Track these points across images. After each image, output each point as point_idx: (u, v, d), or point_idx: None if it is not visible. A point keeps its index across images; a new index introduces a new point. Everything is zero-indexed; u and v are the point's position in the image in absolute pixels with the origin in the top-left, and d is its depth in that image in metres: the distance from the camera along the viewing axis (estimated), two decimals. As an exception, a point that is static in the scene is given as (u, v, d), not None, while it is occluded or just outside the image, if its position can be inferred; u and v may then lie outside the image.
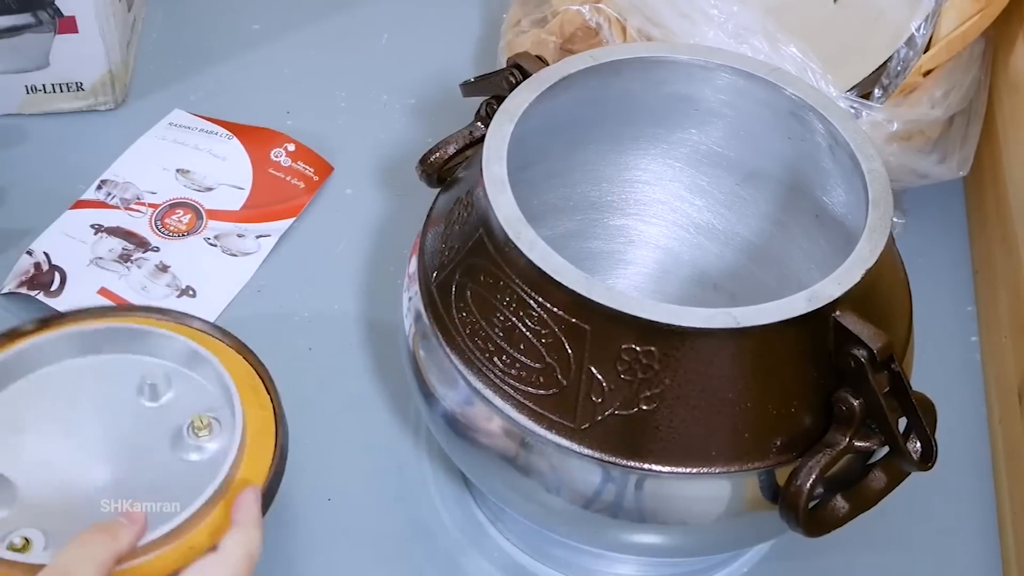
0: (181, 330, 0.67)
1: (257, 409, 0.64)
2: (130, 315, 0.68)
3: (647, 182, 0.73)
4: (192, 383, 0.65)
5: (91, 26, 0.89)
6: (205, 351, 0.65)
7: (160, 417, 0.64)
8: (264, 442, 0.63)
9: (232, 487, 0.61)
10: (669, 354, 0.52)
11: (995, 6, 0.80)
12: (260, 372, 0.67)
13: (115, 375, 0.65)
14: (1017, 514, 0.71)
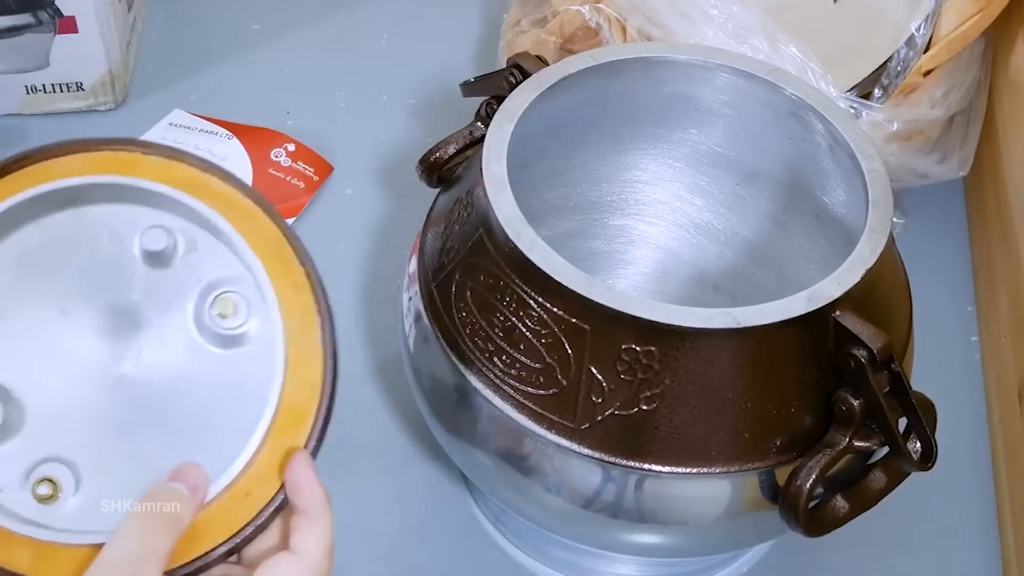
0: (179, 173, 0.53)
1: (291, 290, 0.52)
2: (113, 150, 0.53)
3: (647, 182, 0.73)
4: (203, 246, 0.53)
5: (91, 26, 0.89)
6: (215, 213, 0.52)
7: (170, 291, 0.52)
8: (307, 339, 0.51)
9: (281, 410, 0.50)
10: (669, 354, 0.52)
11: (995, 6, 0.80)
12: (290, 238, 0.53)
13: (105, 233, 0.52)
14: (1017, 514, 0.71)
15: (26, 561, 0.47)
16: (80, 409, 0.51)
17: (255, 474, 0.49)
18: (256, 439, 0.49)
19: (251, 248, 0.51)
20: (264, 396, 0.50)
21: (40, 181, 0.51)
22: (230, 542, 0.49)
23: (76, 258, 0.52)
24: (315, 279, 0.52)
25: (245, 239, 0.51)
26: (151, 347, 0.52)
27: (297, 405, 0.50)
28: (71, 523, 0.49)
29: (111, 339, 0.52)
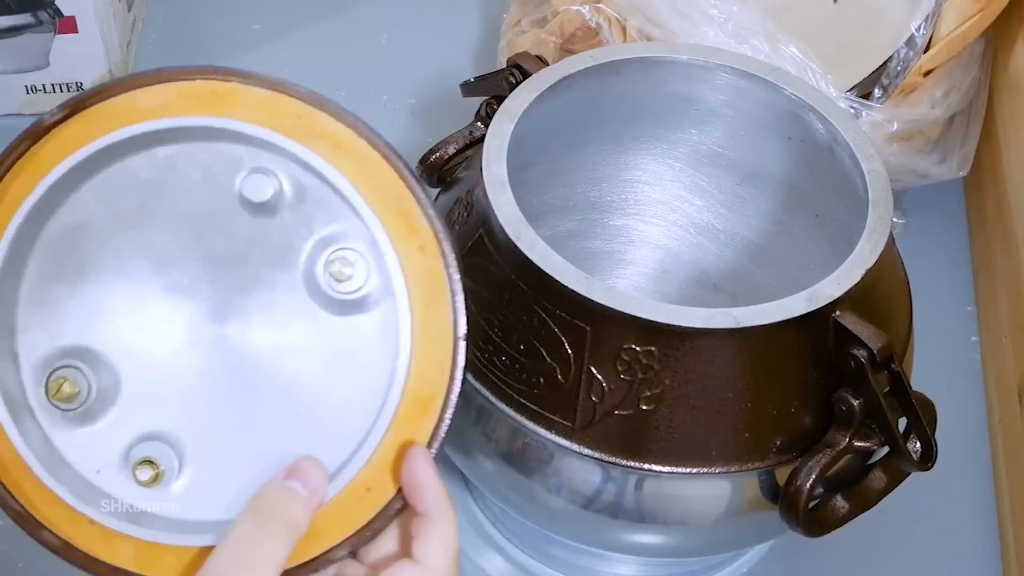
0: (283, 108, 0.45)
1: (417, 252, 0.45)
2: (207, 79, 0.45)
3: (647, 182, 0.73)
4: (313, 194, 0.45)
5: (91, 26, 0.89)
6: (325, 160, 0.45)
7: (277, 244, 0.46)
8: (434, 311, 0.45)
9: (406, 393, 0.44)
10: (669, 354, 0.52)
11: (995, 6, 0.80)
12: (415, 191, 0.45)
13: (201, 176, 0.46)
14: (1017, 514, 0.71)
15: (130, 555, 0.45)
16: (179, 378, 0.46)
17: (376, 466, 0.44)
18: (380, 427, 0.44)
19: (368, 201, 0.44)
20: (388, 376, 0.44)
21: (125, 121, 0.44)
22: (349, 542, 0.45)
23: (168, 205, 0.45)
24: (444, 240, 0.45)
25: (361, 190, 0.44)
26: (257, 308, 0.46)
27: (424, 389, 0.45)
28: (176, 511, 0.45)
29: (211, 297, 0.46)
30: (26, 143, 0.45)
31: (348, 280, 0.44)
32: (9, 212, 0.44)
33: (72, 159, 0.44)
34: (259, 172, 0.44)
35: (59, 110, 0.45)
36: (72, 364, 0.45)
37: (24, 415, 0.45)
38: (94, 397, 0.45)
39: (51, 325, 0.46)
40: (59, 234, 0.45)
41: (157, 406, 0.46)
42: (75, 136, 0.44)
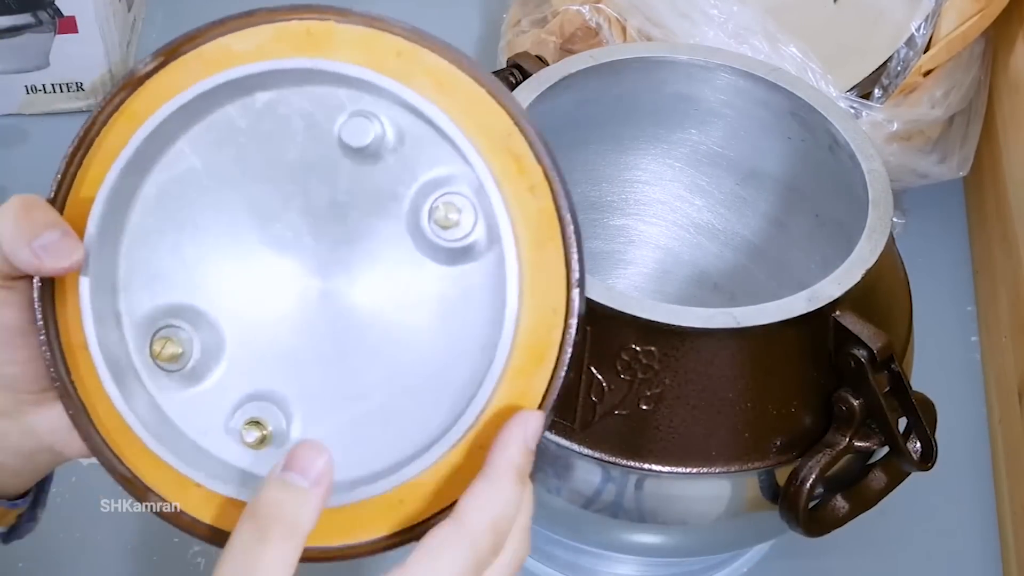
0: (382, 46, 0.42)
1: (527, 193, 0.42)
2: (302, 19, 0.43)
3: (647, 182, 0.73)
4: (415, 137, 0.43)
5: (91, 26, 0.89)
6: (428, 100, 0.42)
7: (380, 191, 0.43)
8: (546, 255, 0.42)
9: (517, 345, 0.42)
10: (669, 354, 0.52)
11: (995, 6, 0.80)
12: (523, 128, 0.42)
13: (299, 122, 0.43)
14: (1017, 514, 0.71)
15: (236, 518, 0.42)
16: (284, 335, 0.44)
17: (489, 422, 0.42)
18: (490, 381, 0.41)
19: (474, 141, 0.41)
20: (497, 327, 0.41)
21: (220, 66, 0.42)
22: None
23: (268, 154, 0.43)
24: (556, 179, 0.42)
25: (466, 130, 0.41)
26: (361, 260, 0.44)
27: (537, 340, 0.42)
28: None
29: (315, 250, 0.44)
30: (121, 95, 0.43)
31: (455, 227, 0.42)
32: (105, 165, 0.43)
33: (166, 108, 0.42)
34: (360, 115, 0.42)
35: (152, 59, 0.43)
36: (175, 323, 0.44)
37: (129, 377, 0.44)
38: (198, 357, 0.44)
39: (153, 284, 0.44)
40: (159, 189, 0.44)
41: (262, 365, 0.44)
42: (169, 85, 0.42)
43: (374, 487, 0.42)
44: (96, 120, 0.43)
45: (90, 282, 0.43)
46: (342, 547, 0.43)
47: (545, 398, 0.42)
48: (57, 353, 0.44)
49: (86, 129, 0.43)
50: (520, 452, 0.40)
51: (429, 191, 0.42)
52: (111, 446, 0.44)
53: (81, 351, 0.44)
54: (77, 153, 0.43)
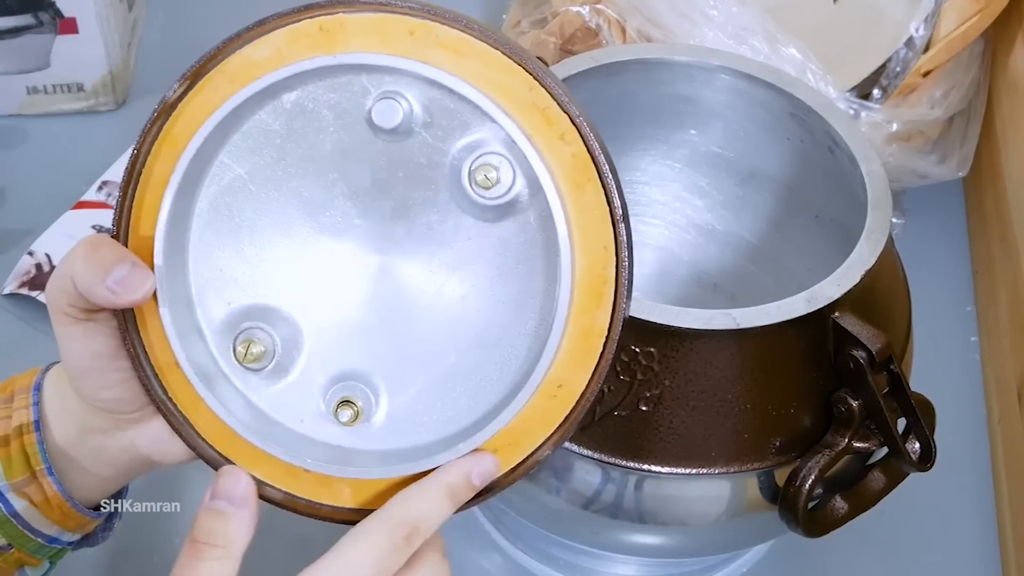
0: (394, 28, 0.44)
1: (558, 142, 0.44)
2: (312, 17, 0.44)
3: (647, 183, 0.74)
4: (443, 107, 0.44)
5: (92, 27, 0.89)
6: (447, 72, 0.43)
7: (419, 164, 0.45)
8: (587, 197, 0.44)
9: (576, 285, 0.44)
10: (669, 355, 0.52)
11: (994, 6, 0.80)
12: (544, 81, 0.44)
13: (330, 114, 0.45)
14: (1017, 514, 0.71)
15: (348, 495, 0.47)
16: (354, 315, 0.47)
17: (563, 362, 0.44)
18: (558, 325, 0.44)
19: (499, 102, 0.43)
20: (554, 272, 0.44)
21: (244, 79, 0.44)
22: (552, 441, 0.45)
23: (305, 149, 0.46)
24: (584, 124, 0.43)
25: (490, 93, 0.43)
26: (412, 231, 0.46)
27: (593, 278, 0.44)
28: (382, 443, 0.47)
29: (366, 230, 0.47)
30: (158, 123, 0.45)
31: (496, 185, 0.44)
32: (158, 194, 0.45)
33: (204, 129, 0.44)
34: (386, 98, 0.44)
35: (179, 84, 0.45)
36: (253, 325, 0.47)
37: (222, 384, 0.47)
38: (281, 351, 0.47)
39: (224, 292, 0.47)
40: (210, 203, 0.46)
41: (340, 347, 0.47)
42: (201, 105, 0.45)
43: (471, 442, 0.45)
44: (140, 151, 0.46)
45: (168, 304, 0.45)
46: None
47: (610, 332, 0.44)
48: (150, 374, 0.47)
49: (132, 162, 0.46)
50: (459, 477, 0.44)
51: (465, 155, 0.44)
52: (220, 451, 0.47)
53: (172, 369, 0.46)
54: (129, 187, 0.46)
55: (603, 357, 0.45)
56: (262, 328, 0.47)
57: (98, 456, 0.50)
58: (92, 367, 0.47)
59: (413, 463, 0.45)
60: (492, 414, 0.45)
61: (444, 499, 0.44)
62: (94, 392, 0.48)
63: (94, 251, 0.44)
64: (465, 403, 0.46)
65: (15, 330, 0.79)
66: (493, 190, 0.44)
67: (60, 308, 0.46)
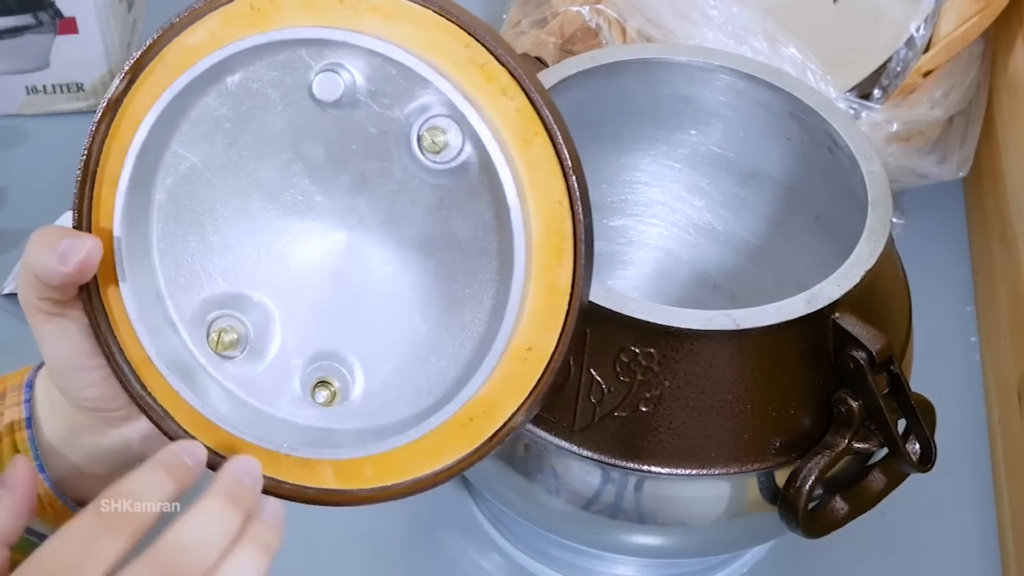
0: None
1: (501, 98, 0.43)
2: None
3: (647, 183, 0.73)
4: (384, 73, 0.43)
5: (91, 27, 0.89)
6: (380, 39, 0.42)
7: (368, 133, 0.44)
8: (535, 151, 0.43)
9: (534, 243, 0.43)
10: (668, 356, 0.52)
11: (995, 6, 0.80)
12: (482, 39, 0.42)
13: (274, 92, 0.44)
14: (1017, 514, 0.71)
15: (331, 476, 0.46)
16: (324, 293, 0.46)
17: (530, 324, 0.44)
18: (517, 283, 0.42)
19: (435, 63, 0.42)
20: (510, 230, 0.42)
21: (182, 66, 0.44)
22: (525, 407, 0.45)
23: (256, 131, 0.45)
24: (523, 77, 0.42)
25: (425, 55, 0.42)
26: (374, 203, 0.45)
27: (550, 232, 0.43)
28: (362, 422, 0.46)
29: (329, 207, 0.46)
30: (104, 122, 0.45)
31: (445, 148, 0.43)
32: (112, 189, 0.45)
33: (146, 122, 0.44)
34: (326, 71, 0.43)
35: (120, 80, 0.45)
36: (224, 313, 0.47)
37: (200, 375, 0.47)
38: (254, 337, 0.47)
39: (193, 282, 0.47)
40: (168, 195, 0.46)
41: (314, 328, 0.47)
42: (145, 98, 0.44)
43: (442, 412, 0.44)
44: (91, 151, 0.46)
45: (133, 299, 0.45)
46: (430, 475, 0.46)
47: (573, 289, 0.44)
48: (127, 370, 0.47)
49: (84, 162, 0.46)
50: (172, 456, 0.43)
51: (412, 120, 0.43)
52: (204, 442, 0.47)
53: (148, 364, 0.46)
54: (85, 187, 0.46)
55: (569, 315, 0.44)
56: (233, 315, 0.47)
57: (92, 455, 0.50)
58: (71, 366, 0.47)
59: (391, 439, 0.45)
60: (462, 382, 0.44)
61: (160, 475, 0.42)
62: (77, 392, 0.48)
63: (42, 236, 0.45)
64: (438, 374, 0.46)
65: (15, 330, 0.79)
66: (443, 154, 0.43)
67: (32, 305, 0.46)
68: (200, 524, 0.41)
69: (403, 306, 0.46)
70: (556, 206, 0.43)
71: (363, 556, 0.70)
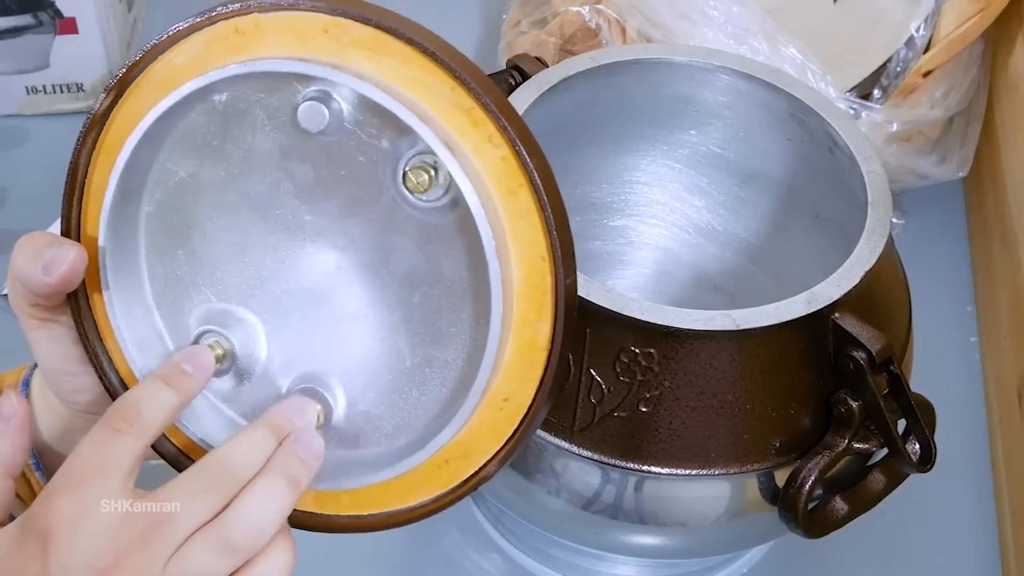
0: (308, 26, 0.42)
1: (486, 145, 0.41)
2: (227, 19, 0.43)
3: (647, 183, 0.73)
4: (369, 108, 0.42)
5: (91, 27, 0.89)
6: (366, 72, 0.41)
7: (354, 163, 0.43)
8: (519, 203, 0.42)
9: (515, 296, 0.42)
10: (668, 356, 0.52)
11: (995, 7, 0.80)
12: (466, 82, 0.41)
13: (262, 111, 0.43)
14: (1017, 514, 0.71)
15: (308, 498, 0.47)
16: (311, 314, 0.46)
17: (508, 375, 0.43)
18: (494, 336, 0.41)
19: (423, 102, 0.41)
20: (491, 280, 0.41)
21: (167, 85, 0.43)
22: (499, 458, 0.45)
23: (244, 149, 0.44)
24: (509, 128, 0.41)
25: (413, 93, 0.41)
26: (362, 228, 0.44)
27: (531, 287, 0.42)
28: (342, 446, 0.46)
29: (317, 228, 0.45)
30: (91, 136, 0.45)
31: (432, 187, 0.41)
32: (98, 202, 0.45)
33: (131, 140, 0.43)
34: (312, 99, 0.41)
35: (106, 96, 0.44)
36: (211, 328, 0.46)
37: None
38: (240, 354, 0.46)
39: (181, 296, 0.46)
40: (156, 208, 0.45)
41: (299, 348, 0.46)
42: (131, 114, 0.44)
43: (419, 454, 0.44)
44: (78, 164, 0.45)
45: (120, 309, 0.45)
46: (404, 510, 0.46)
47: (552, 346, 0.43)
48: (116, 383, 0.47)
49: (70, 174, 0.46)
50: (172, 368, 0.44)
51: (399, 154, 0.42)
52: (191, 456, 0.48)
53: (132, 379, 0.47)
54: (73, 199, 0.46)
55: (547, 372, 0.44)
56: (221, 331, 0.46)
57: None
58: (63, 371, 0.48)
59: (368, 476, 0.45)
60: (441, 422, 0.44)
61: (158, 385, 0.43)
62: (70, 396, 0.49)
63: (27, 244, 0.45)
64: (419, 409, 0.45)
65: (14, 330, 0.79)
66: (428, 193, 0.41)
67: (23, 311, 0.46)
68: (241, 444, 0.42)
69: (388, 335, 0.45)
70: (539, 260, 0.42)
71: (363, 556, 0.70)
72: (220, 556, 0.41)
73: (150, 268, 0.46)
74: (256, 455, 0.42)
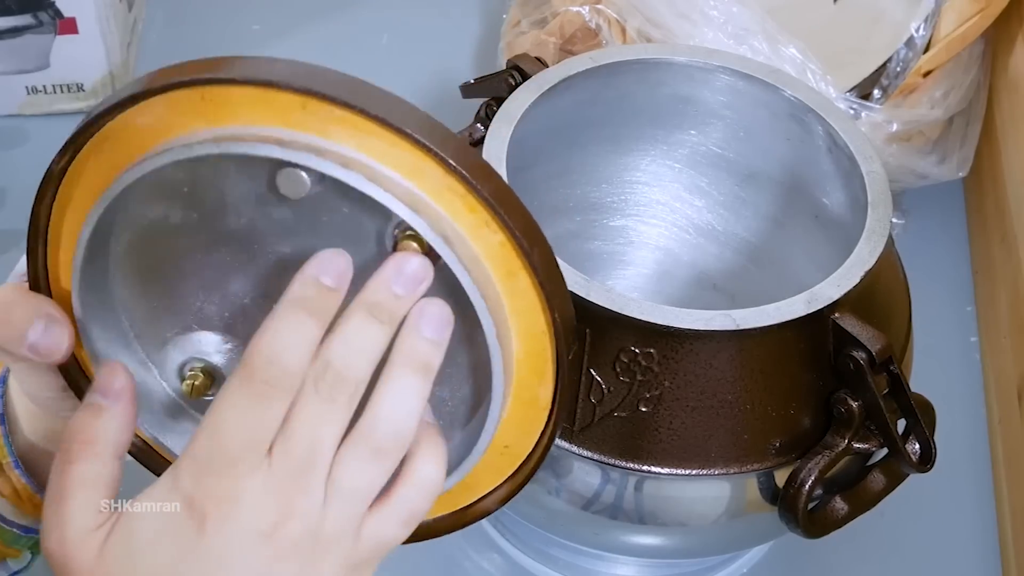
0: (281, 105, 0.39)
1: (483, 229, 0.40)
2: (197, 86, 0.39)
3: (647, 183, 0.73)
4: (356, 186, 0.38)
5: (92, 27, 0.89)
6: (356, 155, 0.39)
7: (348, 232, 0.41)
8: (519, 283, 0.41)
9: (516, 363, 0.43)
10: (668, 356, 0.52)
11: (995, 7, 0.80)
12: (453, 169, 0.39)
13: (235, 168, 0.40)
14: (1017, 514, 0.71)
15: None
16: None
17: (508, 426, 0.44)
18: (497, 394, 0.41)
19: (413, 183, 0.39)
20: (485, 349, 0.40)
21: (131, 150, 0.41)
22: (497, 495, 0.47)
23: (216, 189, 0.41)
24: (507, 217, 0.39)
25: (404, 176, 0.38)
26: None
27: (533, 357, 0.42)
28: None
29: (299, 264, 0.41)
30: (50, 191, 0.44)
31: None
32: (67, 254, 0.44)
33: (94, 212, 0.41)
34: (291, 166, 0.38)
35: (59, 155, 0.43)
36: (195, 356, 0.45)
37: (184, 420, 0.46)
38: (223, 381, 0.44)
39: (161, 327, 0.45)
40: (127, 246, 0.43)
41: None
42: (95, 173, 0.42)
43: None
44: (39, 216, 0.44)
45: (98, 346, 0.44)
46: None
47: (553, 407, 0.44)
48: None
49: (32, 225, 0.45)
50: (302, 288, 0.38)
51: (386, 232, 0.40)
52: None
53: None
54: (38, 247, 0.45)
55: (547, 428, 0.45)
56: (204, 361, 0.45)
57: None
58: (46, 397, 0.47)
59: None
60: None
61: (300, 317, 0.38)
62: (55, 415, 0.48)
63: (6, 314, 0.43)
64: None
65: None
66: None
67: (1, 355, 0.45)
68: (349, 338, 0.38)
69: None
70: (540, 335, 0.42)
71: (363, 556, 0.70)
72: (372, 464, 0.39)
73: (126, 304, 0.45)
74: (370, 347, 0.38)
